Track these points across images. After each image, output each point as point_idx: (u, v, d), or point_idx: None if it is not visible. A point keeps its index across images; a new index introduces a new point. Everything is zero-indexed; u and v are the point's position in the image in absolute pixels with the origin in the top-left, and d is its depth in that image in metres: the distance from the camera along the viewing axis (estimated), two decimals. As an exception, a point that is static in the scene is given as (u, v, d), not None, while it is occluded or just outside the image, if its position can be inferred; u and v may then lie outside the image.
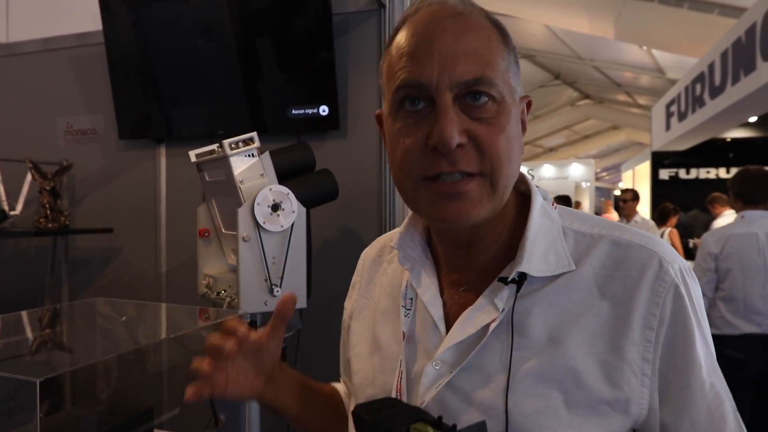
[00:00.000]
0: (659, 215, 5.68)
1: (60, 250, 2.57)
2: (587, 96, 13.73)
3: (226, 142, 1.56)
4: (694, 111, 6.57)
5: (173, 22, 2.25)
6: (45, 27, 2.72)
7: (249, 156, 1.60)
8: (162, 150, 2.45)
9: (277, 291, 1.60)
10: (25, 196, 2.42)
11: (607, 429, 0.60)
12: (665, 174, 8.89)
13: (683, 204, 6.64)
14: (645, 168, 9.70)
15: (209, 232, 1.79)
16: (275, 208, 1.59)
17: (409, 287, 0.73)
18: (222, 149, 1.57)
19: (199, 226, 1.78)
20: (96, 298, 2.03)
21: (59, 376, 0.96)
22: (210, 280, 1.73)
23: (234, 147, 1.57)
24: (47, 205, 2.39)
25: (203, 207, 1.80)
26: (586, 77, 11.72)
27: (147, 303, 2.08)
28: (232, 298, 1.64)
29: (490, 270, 0.68)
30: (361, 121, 2.15)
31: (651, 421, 0.62)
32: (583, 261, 0.65)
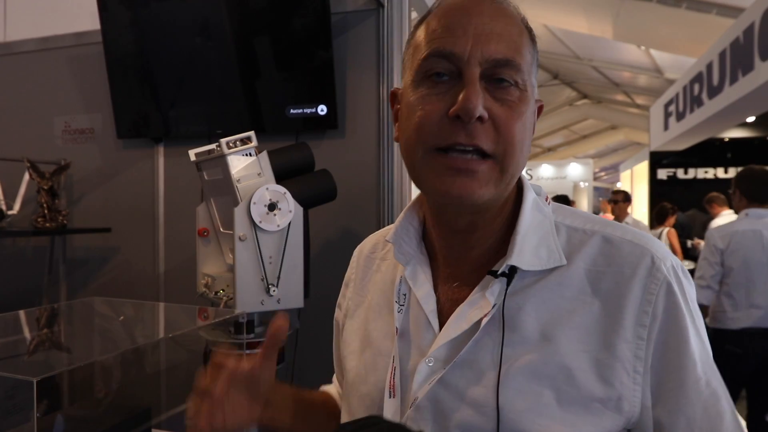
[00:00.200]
0: (657, 215, 5.69)
1: (58, 249, 2.57)
2: (585, 96, 13.73)
3: (223, 140, 1.56)
4: (692, 111, 6.57)
5: (171, 21, 2.24)
6: (43, 26, 2.71)
7: (246, 155, 1.60)
8: (160, 149, 2.45)
9: (274, 291, 1.59)
10: (23, 195, 2.41)
11: (600, 426, 0.60)
12: (663, 174, 8.90)
13: (681, 204, 6.65)
14: (643, 168, 9.71)
15: (208, 231, 1.78)
16: (272, 207, 1.58)
17: (403, 283, 0.73)
18: (220, 148, 1.57)
19: (199, 225, 1.78)
20: (94, 297, 2.02)
21: (56, 375, 0.96)
22: (209, 279, 1.73)
23: (231, 146, 1.57)
24: (45, 205, 2.38)
25: (202, 206, 1.80)
26: (584, 77, 11.72)
27: (145, 302, 2.08)
28: (229, 297, 1.64)
29: (483, 264, 0.68)
30: (360, 121, 2.15)
31: (644, 420, 0.61)
32: (575, 257, 0.65)
